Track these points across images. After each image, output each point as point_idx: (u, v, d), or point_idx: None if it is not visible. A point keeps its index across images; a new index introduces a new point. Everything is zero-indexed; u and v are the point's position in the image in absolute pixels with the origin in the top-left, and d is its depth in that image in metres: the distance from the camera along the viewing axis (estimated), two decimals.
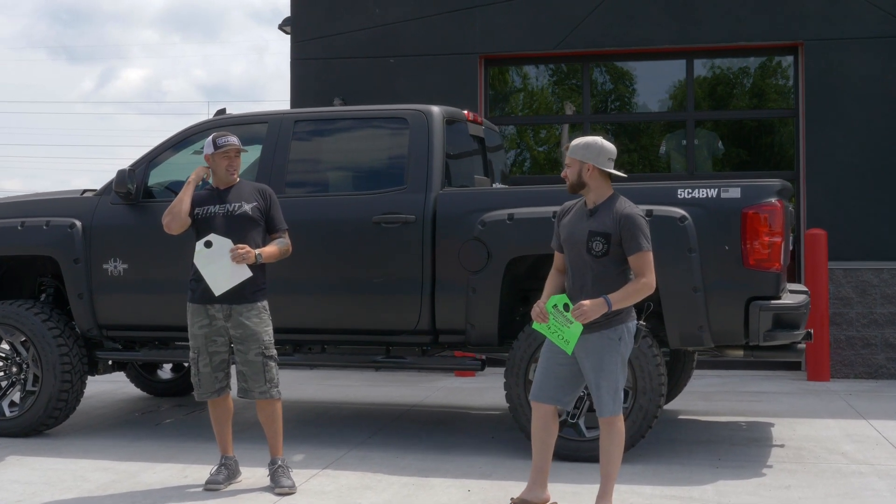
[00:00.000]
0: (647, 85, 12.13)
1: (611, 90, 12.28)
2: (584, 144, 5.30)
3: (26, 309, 7.62)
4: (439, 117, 7.26)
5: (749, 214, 6.47)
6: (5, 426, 7.62)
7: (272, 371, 6.14)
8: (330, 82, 11.98)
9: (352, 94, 11.77)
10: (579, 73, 11.97)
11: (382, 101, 10.68)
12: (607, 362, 5.19)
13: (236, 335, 6.10)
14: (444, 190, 7.11)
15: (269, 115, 7.60)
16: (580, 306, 5.07)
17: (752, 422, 8.12)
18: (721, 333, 6.60)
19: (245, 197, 6.23)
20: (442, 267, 7.00)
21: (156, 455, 7.00)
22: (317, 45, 12.12)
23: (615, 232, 5.16)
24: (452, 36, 11.81)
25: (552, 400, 5.37)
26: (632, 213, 5.19)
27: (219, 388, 6.20)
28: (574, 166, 5.31)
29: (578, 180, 5.30)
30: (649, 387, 6.54)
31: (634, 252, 5.14)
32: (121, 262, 7.55)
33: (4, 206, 8.20)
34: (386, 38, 11.92)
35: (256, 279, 6.09)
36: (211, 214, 6.18)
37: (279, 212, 6.34)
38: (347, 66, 12.01)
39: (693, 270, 6.48)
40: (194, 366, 6.21)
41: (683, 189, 6.64)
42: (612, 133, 12.16)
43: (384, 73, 11.88)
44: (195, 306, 6.16)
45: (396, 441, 7.42)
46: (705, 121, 11.86)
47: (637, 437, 6.60)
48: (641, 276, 5.15)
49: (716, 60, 11.73)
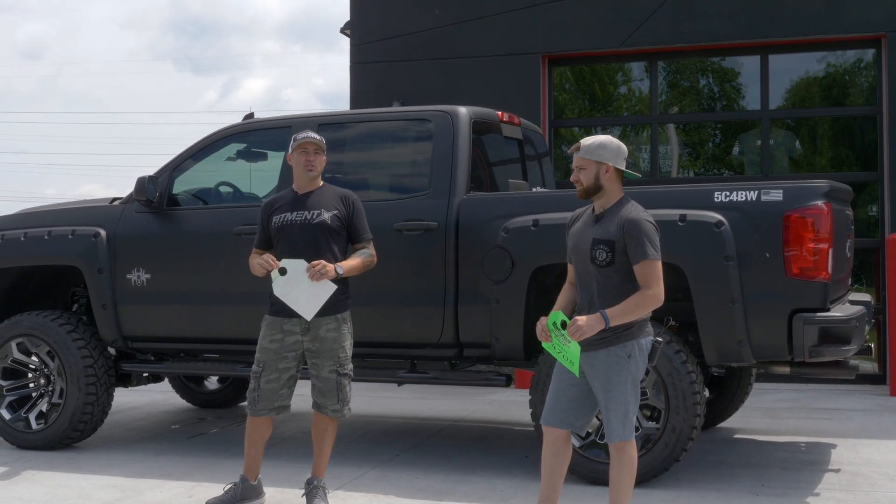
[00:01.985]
0: (718, 83, 11.54)
1: (679, 89, 11.69)
2: (599, 143, 4.84)
3: (51, 319, 7.48)
4: (466, 118, 6.87)
5: (792, 219, 5.92)
6: (31, 439, 7.49)
7: (345, 390, 5.79)
8: (389, 85, 11.68)
9: (411, 97, 11.44)
10: (646, 71, 11.43)
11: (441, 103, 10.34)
12: (615, 382, 4.72)
13: (312, 349, 5.72)
14: (468, 195, 6.71)
15: (294, 118, 7.31)
16: (574, 322, 4.63)
17: (813, 442, 7.52)
18: (763, 349, 6.05)
19: (325, 204, 5.78)
20: (465, 277, 6.60)
21: (172, 471, 6.76)
22: (376, 48, 11.84)
23: (619, 239, 4.70)
24: (514, 36, 11.40)
25: (564, 424, 4.92)
26: (636, 217, 4.73)
27: (278, 406, 5.79)
28: (590, 168, 4.83)
29: (595, 183, 4.83)
30: (682, 406, 6.04)
31: (639, 260, 4.67)
32: (144, 271, 7.35)
33: (34, 215, 8.10)
34: (445, 40, 11.58)
35: (338, 289, 5.66)
36: (287, 223, 5.75)
37: (363, 220, 5.90)
38: (407, 69, 11.70)
39: (731, 280, 5.95)
40: (255, 380, 5.78)
41: (720, 192, 6.11)
42: (681, 133, 11.60)
43: (444, 75, 11.54)
44: (271, 319, 5.77)
45: (423, 459, 7.06)
46: (781, 119, 11.20)
47: (670, 461, 6.11)
48: (647, 288, 4.67)
49: (792, 55, 11.04)
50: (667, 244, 6.02)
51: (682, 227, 6.03)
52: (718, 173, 11.42)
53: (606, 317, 4.60)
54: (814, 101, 11.15)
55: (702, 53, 11.27)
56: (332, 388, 5.76)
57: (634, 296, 4.66)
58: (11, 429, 7.55)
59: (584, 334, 4.60)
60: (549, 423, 4.93)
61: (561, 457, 4.94)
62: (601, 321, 4.60)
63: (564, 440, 4.94)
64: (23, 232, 7.70)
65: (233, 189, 7.68)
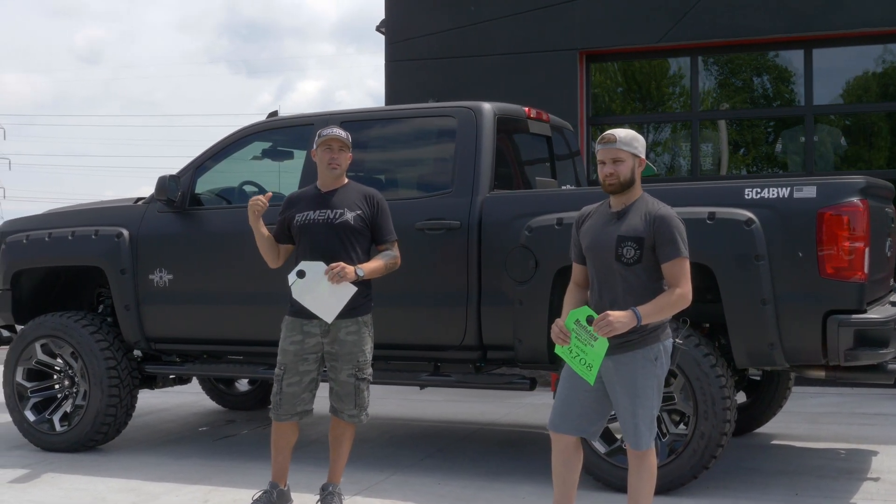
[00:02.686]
0: (760, 78, 11.25)
1: (721, 85, 11.41)
2: (633, 136, 4.63)
3: (75, 321, 7.42)
4: (490, 114, 6.68)
5: (826, 216, 5.66)
6: (55, 441, 7.43)
7: (363, 395, 5.63)
8: (424, 83, 11.53)
9: (446, 95, 11.20)
10: (686, 66, 11.17)
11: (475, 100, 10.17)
12: (643, 387, 4.52)
13: (331, 351, 5.56)
14: (491, 193, 6.53)
15: (316, 116, 7.18)
16: (605, 317, 4.39)
17: (854, 449, 7.23)
18: (796, 352, 5.80)
19: (348, 203, 5.59)
20: (488, 277, 6.42)
21: (191, 475, 6.65)
22: (410, 46, 11.71)
23: (648, 235, 4.49)
24: (550, 31, 11.20)
25: (575, 430, 4.70)
26: (667, 213, 4.52)
27: (301, 410, 5.61)
28: (628, 161, 4.60)
29: (631, 177, 4.62)
30: (711, 411, 5.81)
31: (671, 258, 4.46)
32: (166, 272, 7.26)
33: (59, 215, 8.05)
34: (480, 37, 11.42)
35: (359, 290, 5.49)
36: (309, 222, 5.58)
37: (388, 220, 5.71)
38: (441, 66, 11.55)
39: (761, 280, 5.71)
40: (277, 383, 5.62)
41: (751, 188, 5.87)
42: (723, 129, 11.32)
43: (479, 72, 11.37)
44: (291, 320, 5.61)
45: (448, 464, 6.89)
46: (826, 115, 10.89)
47: (699, 468, 5.88)
48: (676, 286, 4.46)
49: (837, 49, 10.72)
50: (695, 243, 5.80)
51: (711, 225, 5.80)
52: (770, 171, 11.12)
53: (639, 314, 4.39)
54: (871, 96, 10.80)
55: (743, 48, 10.99)
56: (349, 393, 5.61)
57: (664, 294, 4.46)
58: (36, 430, 7.50)
59: (614, 330, 4.37)
60: (559, 428, 4.72)
61: (571, 465, 4.73)
62: (633, 318, 4.38)
63: (575, 447, 4.73)
64: (47, 232, 7.65)
65: (257, 188, 7.56)
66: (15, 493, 6.24)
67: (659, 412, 5.90)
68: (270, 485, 5.72)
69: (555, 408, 4.75)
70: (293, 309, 5.61)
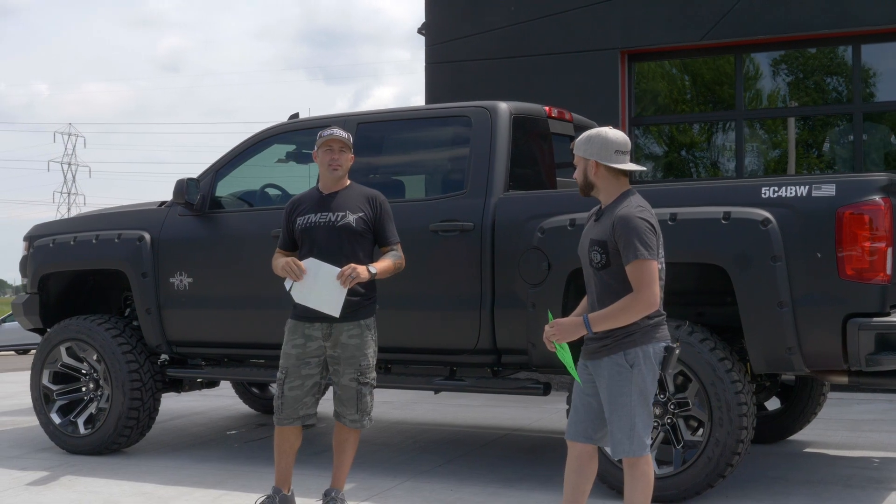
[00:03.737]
0: (807, 75, 10.93)
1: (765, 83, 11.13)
2: (585, 138, 4.51)
3: (98, 324, 7.44)
4: (505, 114, 6.56)
5: (846, 215, 5.43)
6: (79, 444, 7.46)
7: (366, 400, 5.51)
8: (464, 85, 11.42)
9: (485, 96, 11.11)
10: (730, 65, 10.91)
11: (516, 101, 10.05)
12: (617, 393, 4.36)
13: (333, 355, 5.48)
14: (505, 194, 6.40)
15: (334, 117, 7.11)
16: (553, 324, 4.37)
17: (889, 458, 6.96)
18: (815, 356, 5.58)
19: (350, 205, 5.50)
20: (502, 280, 6.29)
21: (206, 479, 6.61)
22: (450, 48, 11.62)
23: (610, 238, 4.35)
24: (591, 31, 11.04)
25: (583, 437, 4.56)
26: (626, 214, 4.33)
27: (303, 415, 5.53)
28: (579, 165, 4.53)
29: (585, 181, 4.52)
30: (727, 417, 5.61)
31: (629, 261, 4.29)
32: (186, 275, 7.24)
33: (88, 218, 8.11)
34: (520, 38, 11.29)
35: (361, 293, 5.44)
36: (311, 225, 5.50)
37: (390, 222, 5.61)
38: (481, 67, 11.44)
39: (778, 282, 5.50)
40: (279, 387, 5.56)
41: (768, 187, 5.66)
42: (769, 129, 11.03)
43: (518, 73, 11.24)
44: (293, 323, 5.56)
45: (466, 470, 6.76)
46: (875, 113, 10.55)
47: (714, 476, 5.67)
48: (637, 291, 4.28)
49: (887, 45, 10.38)
50: (709, 244, 5.68)
51: (726, 225, 5.60)
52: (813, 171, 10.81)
53: (587, 321, 4.30)
54: None
55: (788, 45, 10.71)
56: (351, 398, 5.52)
57: (621, 300, 4.30)
58: (61, 433, 7.54)
59: (560, 338, 4.36)
60: (571, 436, 4.61)
61: (583, 473, 4.58)
62: (581, 327, 4.32)
63: (589, 456, 4.59)
64: (72, 236, 7.69)
65: (279, 191, 7.51)
66: (29, 496, 6.26)
67: (672, 419, 5.78)
68: (274, 490, 5.65)
69: (569, 415, 4.65)
70: (296, 312, 5.55)
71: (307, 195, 5.71)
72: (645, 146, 11.51)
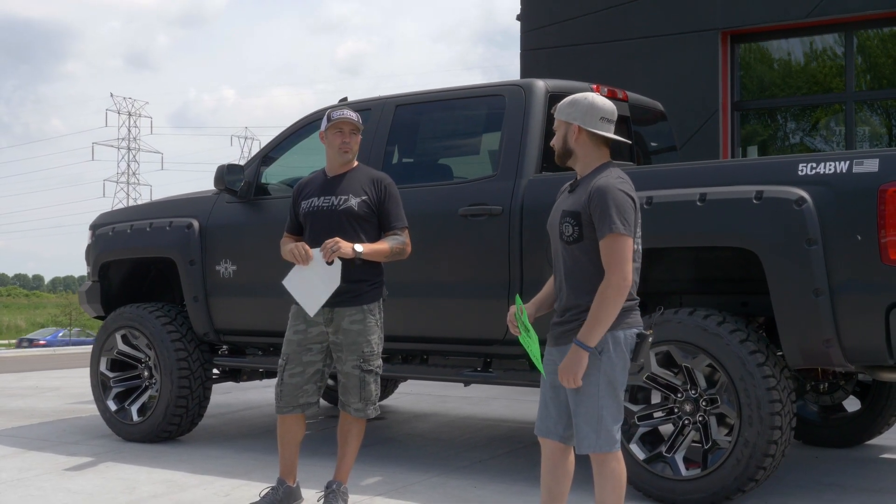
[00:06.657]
0: None
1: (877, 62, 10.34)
2: (569, 101, 4.16)
3: (149, 311, 7.45)
4: (541, 92, 6.20)
5: (889, 193, 4.87)
6: (132, 431, 7.48)
7: (370, 388, 5.31)
8: (559, 71, 10.99)
9: None
10: (838, 43, 10.19)
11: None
12: (583, 382, 3.99)
13: (336, 341, 5.30)
14: (536, 176, 6.05)
15: (373, 100, 6.89)
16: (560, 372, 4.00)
17: None
18: (856, 350, 5.03)
19: (354, 189, 5.29)
20: (530, 266, 5.94)
21: (236, 470, 6.49)
22: (546, 34, 11.26)
23: (585, 209, 3.97)
24: (689, 12, 10.51)
25: (552, 434, 4.21)
26: (605, 184, 3.96)
27: (303, 403, 5.36)
28: (559, 129, 4.18)
29: (564, 147, 4.16)
30: (757, 416, 5.13)
31: (605, 234, 3.91)
32: (230, 263, 7.16)
33: (146, 206, 8.14)
34: (615, 21, 10.85)
35: (364, 276, 5.26)
36: (314, 209, 5.35)
37: (397, 206, 5.35)
38: (576, 53, 11.05)
39: (814, 268, 4.99)
40: (280, 374, 5.41)
41: (806, 163, 5.15)
42: (881, 112, 10.25)
43: (615, 57, 10.79)
44: (296, 309, 5.40)
45: (505, 467, 6.45)
46: None
47: (744, 480, 5.19)
48: (608, 275, 3.89)
49: None
50: (739, 226, 5.21)
51: (758, 205, 5.12)
52: None
53: (582, 344, 3.91)
54: None
55: None
56: (354, 385, 5.30)
57: (595, 300, 3.91)
58: (117, 420, 7.57)
59: (569, 382, 3.96)
60: (540, 432, 4.26)
61: (556, 474, 4.22)
62: (579, 352, 3.92)
63: (563, 454, 4.21)
64: (130, 224, 7.73)
65: None
66: (59, 481, 6.27)
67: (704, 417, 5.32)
68: (278, 481, 5.48)
69: (538, 409, 4.29)
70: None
71: (313, 178, 5.53)
72: (748, 132, 10.87)
